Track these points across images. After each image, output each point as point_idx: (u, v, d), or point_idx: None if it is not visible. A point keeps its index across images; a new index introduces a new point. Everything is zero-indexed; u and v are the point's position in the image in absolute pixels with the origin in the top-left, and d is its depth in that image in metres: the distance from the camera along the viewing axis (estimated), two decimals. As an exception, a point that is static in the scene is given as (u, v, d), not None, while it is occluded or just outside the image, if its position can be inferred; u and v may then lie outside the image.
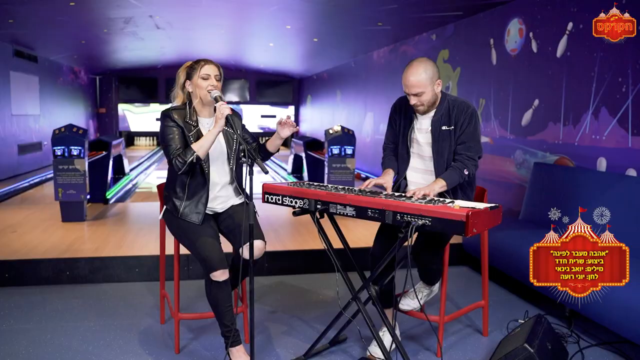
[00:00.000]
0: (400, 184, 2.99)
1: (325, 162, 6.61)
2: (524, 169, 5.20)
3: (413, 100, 2.80)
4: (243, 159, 2.53)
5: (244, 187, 2.93)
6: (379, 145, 9.77)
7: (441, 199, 2.52)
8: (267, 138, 2.97)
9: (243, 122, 3.03)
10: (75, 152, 5.55)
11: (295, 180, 9.08)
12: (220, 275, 2.70)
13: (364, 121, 10.66)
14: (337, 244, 3.01)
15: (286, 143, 18.17)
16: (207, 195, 2.83)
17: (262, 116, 17.71)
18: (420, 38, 7.87)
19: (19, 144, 9.91)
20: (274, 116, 17.76)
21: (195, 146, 2.70)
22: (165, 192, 2.92)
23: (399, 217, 2.41)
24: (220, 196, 2.91)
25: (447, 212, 2.27)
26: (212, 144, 2.71)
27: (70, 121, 12.95)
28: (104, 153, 6.89)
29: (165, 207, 2.94)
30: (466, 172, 2.77)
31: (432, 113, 2.88)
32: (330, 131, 6.53)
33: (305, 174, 8.29)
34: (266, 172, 2.36)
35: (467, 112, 2.82)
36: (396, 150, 3.06)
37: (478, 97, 6.09)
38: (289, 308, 3.78)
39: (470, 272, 4.62)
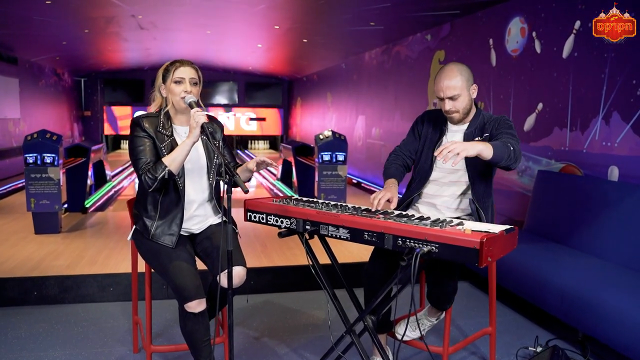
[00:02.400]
0: (413, 199, 2.71)
1: (315, 169, 6.28)
2: (527, 177, 4.90)
3: (448, 105, 2.57)
4: (219, 176, 2.19)
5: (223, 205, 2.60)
6: (371, 149, 9.54)
7: (448, 220, 2.20)
8: (239, 164, 2.67)
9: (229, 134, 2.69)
10: (48, 160, 5.18)
11: (284, 187, 8.74)
12: (196, 306, 2.37)
13: (355, 124, 10.35)
14: (325, 259, 2.69)
15: (276, 147, 17.91)
16: (182, 214, 2.49)
17: (251, 119, 17.33)
18: (414, 38, 7.57)
19: (-3, 148, 9.52)
20: (264, 119, 17.39)
21: (166, 160, 2.36)
22: (135, 211, 2.59)
23: (400, 242, 2.08)
24: (198, 215, 2.58)
25: (457, 238, 1.95)
26: (185, 157, 2.38)
27: (54, 124, 12.59)
28: (82, 159, 6.53)
29: (134, 226, 2.60)
30: (512, 148, 2.35)
31: (464, 126, 2.65)
32: (321, 136, 6.19)
33: (294, 181, 7.96)
34: (246, 192, 2.03)
35: (503, 120, 2.58)
36: (407, 160, 2.83)
37: (476, 100, 5.78)
38: (275, 332, 3.44)
39: (472, 288, 4.31)
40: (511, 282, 3.72)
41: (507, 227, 2.13)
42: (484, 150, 2.21)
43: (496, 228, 2.09)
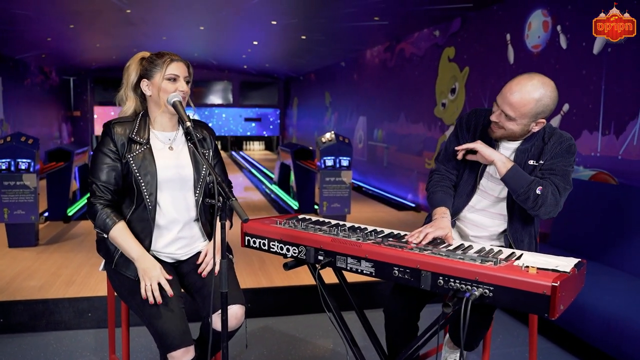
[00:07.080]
0: None
1: (317, 175, 5.81)
2: (551, 185, 4.46)
3: (495, 117, 2.08)
4: (212, 200, 1.71)
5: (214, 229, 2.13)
6: (373, 152, 9.08)
7: (496, 250, 1.75)
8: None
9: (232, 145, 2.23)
10: (23, 166, 4.70)
11: (281, 191, 8.28)
12: (182, 356, 1.90)
13: (355, 126, 9.90)
14: (332, 278, 2.27)
15: (271, 148, 17.46)
16: (151, 236, 2.04)
17: (246, 119, 16.86)
18: (421, 34, 7.12)
19: (-22, 151, 9.00)
20: (260, 119, 16.94)
21: (114, 231, 1.98)
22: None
23: (441, 282, 1.63)
24: (183, 237, 2.12)
25: (519, 280, 1.50)
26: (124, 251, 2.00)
27: (40, 125, 12.08)
28: (64, 164, 6.04)
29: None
30: (539, 192, 1.96)
31: (518, 142, 2.15)
32: (323, 139, 5.72)
33: (292, 185, 7.49)
34: (245, 220, 1.58)
35: (564, 144, 2.08)
36: (455, 179, 2.31)
37: (490, 100, 5.35)
38: (277, 368, 2.99)
39: (498, 312, 3.85)
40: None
41: (575, 260, 1.68)
42: (500, 165, 2.04)
43: (563, 263, 1.63)
